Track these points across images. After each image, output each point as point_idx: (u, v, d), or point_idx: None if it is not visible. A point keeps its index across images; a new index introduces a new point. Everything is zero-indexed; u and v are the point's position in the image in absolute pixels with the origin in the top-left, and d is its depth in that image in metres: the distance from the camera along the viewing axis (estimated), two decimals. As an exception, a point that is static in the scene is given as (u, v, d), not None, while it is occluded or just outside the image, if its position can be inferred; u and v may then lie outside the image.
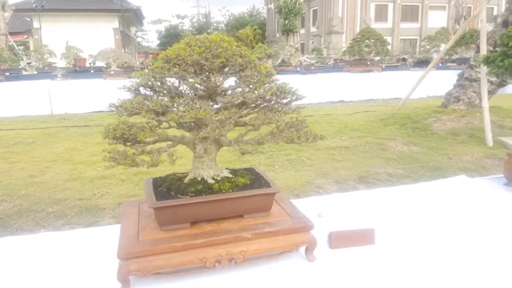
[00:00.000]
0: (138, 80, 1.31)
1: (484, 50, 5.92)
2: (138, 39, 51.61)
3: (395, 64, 16.75)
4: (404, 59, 15.88)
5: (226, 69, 1.38)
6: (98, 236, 1.91)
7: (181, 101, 1.29)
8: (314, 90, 11.50)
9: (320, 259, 1.56)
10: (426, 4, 37.40)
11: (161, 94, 1.32)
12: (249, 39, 38.61)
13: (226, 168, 1.65)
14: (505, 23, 7.03)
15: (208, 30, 47.69)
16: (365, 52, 13.20)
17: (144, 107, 1.22)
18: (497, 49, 7.08)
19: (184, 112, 1.22)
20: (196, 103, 1.27)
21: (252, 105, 1.51)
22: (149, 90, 1.33)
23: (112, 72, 10.13)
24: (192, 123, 1.44)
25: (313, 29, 39.81)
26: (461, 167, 4.66)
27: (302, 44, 37.32)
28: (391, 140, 6.04)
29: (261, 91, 1.36)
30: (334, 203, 2.12)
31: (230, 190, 1.48)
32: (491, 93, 6.98)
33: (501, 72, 2.06)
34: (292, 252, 1.52)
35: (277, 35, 36.97)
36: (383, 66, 15.56)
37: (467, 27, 11.84)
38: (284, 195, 1.80)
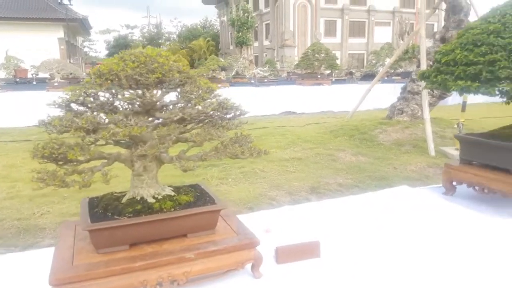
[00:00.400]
0: (68, 96, 1.23)
1: (424, 65, 6.30)
2: (86, 49, 49.73)
3: (343, 78, 17.43)
4: (351, 73, 16.56)
5: (167, 84, 1.33)
6: (33, 260, 1.76)
7: (115, 117, 1.22)
8: (268, 102, 11.66)
9: (266, 275, 1.54)
10: (372, 20, 39.37)
11: (95, 110, 1.25)
12: (202, 51, 38.48)
13: (170, 186, 1.60)
14: (443, 39, 7.53)
15: (160, 41, 46.99)
16: (316, 66, 13.62)
17: (74, 125, 1.14)
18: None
19: (117, 129, 1.16)
20: (130, 119, 1.22)
21: (196, 120, 1.47)
22: (81, 106, 1.26)
23: (55, 84, 9.64)
24: (130, 140, 1.38)
25: (266, 42, 40.51)
26: (406, 176, 4.88)
27: (256, 57, 37.83)
28: (341, 151, 6.21)
29: (201, 107, 1.33)
30: (283, 216, 2.12)
31: (172, 209, 1.43)
32: (432, 105, 7.41)
33: (435, 87, 2.18)
34: (238, 270, 1.49)
35: (231, 47, 37.23)
36: (333, 80, 16.12)
37: (409, 43, 12.61)
38: (231, 211, 1.77)
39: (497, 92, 1.91)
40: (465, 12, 7.23)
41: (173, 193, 1.52)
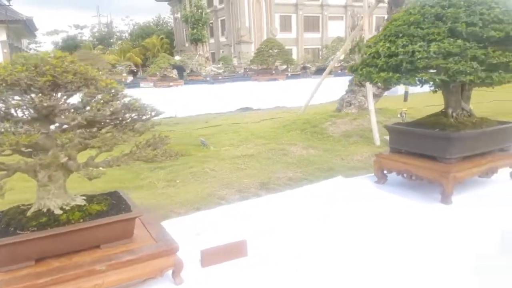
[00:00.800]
0: None
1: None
2: (32, 52, 47.20)
3: (298, 73, 17.65)
4: (305, 68, 16.79)
5: (62, 87, 1.24)
6: None
7: (5, 125, 1.12)
8: (223, 100, 11.57)
9: (189, 280, 1.49)
10: (325, 15, 40.10)
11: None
12: (156, 49, 37.56)
13: (83, 195, 1.51)
14: (385, 33, 7.74)
15: (111, 40, 45.38)
16: (270, 61, 13.68)
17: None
18: (379, 56, 7.82)
19: (4, 138, 1.06)
20: (22, 127, 1.12)
21: (110, 124, 1.39)
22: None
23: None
24: (31, 148, 1.28)
25: (222, 39, 40.22)
26: (352, 166, 4.99)
27: (213, 53, 37.50)
28: (292, 145, 6.26)
29: (105, 109, 1.25)
30: (216, 217, 2.08)
31: (81, 220, 1.34)
32: (378, 96, 7.62)
33: (362, 80, 2.22)
34: (157, 277, 1.43)
35: (187, 45, 36.64)
36: (289, 75, 16.26)
37: (357, 36, 12.94)
38: (154, 217, 1.70)
39: (417, 82, 1.97)
40: (406, 4, 7.48)
41: (84, 203, 1.43)
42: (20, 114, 1.27)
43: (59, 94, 1.24)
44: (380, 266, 1.60)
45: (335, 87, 12.13)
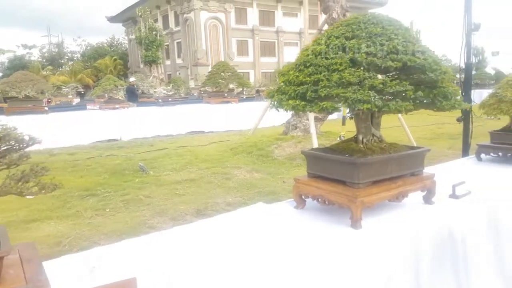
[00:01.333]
0: None
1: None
2: (-26, 72, 44.47)
3: (254, 96, 17.89)
4: (258, 91, 17.06)
5: None
6: None
7: None
8: (173, 122, 11.40)
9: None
10: (281, 41, 41.32)
11: None
12: (109, 70, 36.75)
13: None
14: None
15: (62, 60, 43.92)
16: (222, 84, 13.75)
17: None
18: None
19: None
20: None
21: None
22: None
23: None
24: None
25: (179, 61, 40.14)
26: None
27: (169, 75, 37.23)
28: (237, 169, 6.23)
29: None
30: (117, 251, 1.95)
31: None
32: (321, 120, 7.84)
33: (275, 106, 2.23)
34: (25, 325, 1.29)
35: (141, 66, 36.23)
36: (244, 97, 16.41)
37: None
38: (35, 253, 1.56)
39: (321, 109, 2.00)
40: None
41: None
42: None
43: None
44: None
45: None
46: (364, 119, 2.41)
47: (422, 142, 7.84)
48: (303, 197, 2.46)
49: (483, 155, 3.60)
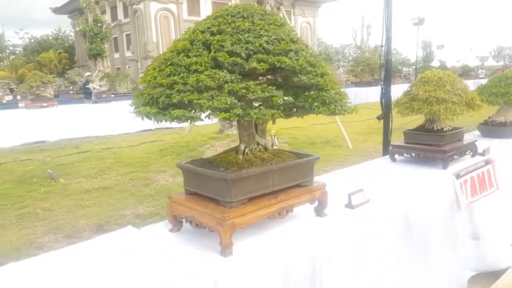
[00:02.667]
0: None
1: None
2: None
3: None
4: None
5: None
6: None
7: None
8: (106, 121, 10.70)
9: None
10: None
11: None
12: (53, 64, 34.60)
13: None
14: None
15: (2, 54, 40.82)
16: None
17: None
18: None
19: None
20: None
21: None
22: None
23: None
24: None
25: (128, 54, 38.57)
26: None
27: (118, 69, 35.63)
28: (160, 173, 5.82)
29: None
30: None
31: None
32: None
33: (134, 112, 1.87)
34: None
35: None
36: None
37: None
38: None
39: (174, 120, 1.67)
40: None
41: None
42: None
43: None
44: None
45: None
46: (246, 126, 2.13)
47: (359, 138, 7.82)
48: (178, 218, 2.14)
49: (397, 156, 3.46)
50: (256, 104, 1.98)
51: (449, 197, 2.91)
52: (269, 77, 2.03)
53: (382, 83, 4.09)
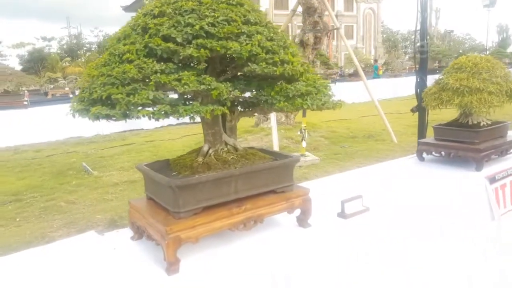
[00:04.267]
0: None
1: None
2: (-1, 65, 45.56)
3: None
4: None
5: None
6: None
7: None
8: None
9: None
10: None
11: None
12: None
13: None
14: (302, 43, 7.38)
15: (79, 52, 44.34)
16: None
17: None
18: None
19: None
20: None
21: None
22: None
23: None
24: None
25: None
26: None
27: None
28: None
29: None
30: None
31: None
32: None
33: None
34: None
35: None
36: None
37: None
38: None
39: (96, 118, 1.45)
40: (319, 13, 7.12)
41: None
42: None
43: None
44: None
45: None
46: (210, 123, 1.86)
47: (408, 131, 7.11)
48: (135, 225, 1.95)
49: (425, 154, 2.96)
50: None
51: (480, 205, 2.39)
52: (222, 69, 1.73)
53: (416, 70, 3.54)
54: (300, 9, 7.27)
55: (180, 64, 1.51)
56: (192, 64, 1.67)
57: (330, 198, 2.23)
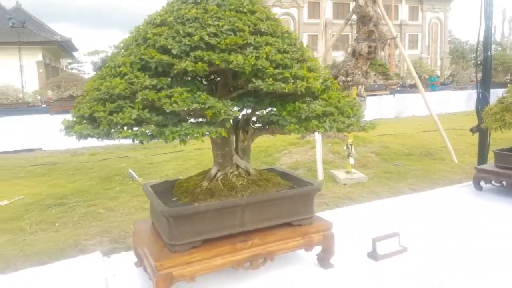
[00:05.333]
0: None
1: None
2: (74, 71, 49.57)
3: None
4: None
5: None
6: None
7: None
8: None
9: None
10: (355, 34, 39.13)
11: None
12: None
13: None
14: (355, 53, 7.01)
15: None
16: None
17: None
18: (348, 78, 7.03)
19: None
20: None
21: None
22: None
23: None
24: None
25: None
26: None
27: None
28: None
29: None
30: None
31: None
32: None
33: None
34: None
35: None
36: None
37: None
38: None
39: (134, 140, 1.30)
40: (374, 22, 6.70)
41: None
42: None
43: None
44: None
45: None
46: (220, 144, 1.67)
47: (472, 150, 6.37)
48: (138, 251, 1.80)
49: (483, 183, 2.52)
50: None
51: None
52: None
53: (478, 86, 3.08)
54: (355, 17, 6.90)
55: (179, 79, 1.33)
56: (200, 78, 1.49)
57: (360, 233, 1.93)
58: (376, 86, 13.59)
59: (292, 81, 1.30)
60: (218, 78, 1.58)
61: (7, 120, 9.30)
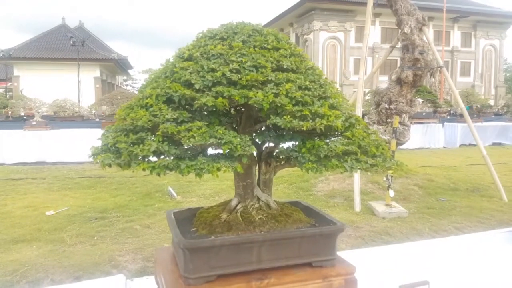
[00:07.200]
0: None
1: (359, 109, 5.62)
2: (128, 88, 52.33)
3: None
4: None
5: None
6: None
7: None
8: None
9: None
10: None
11: None
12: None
13: None
14: (399, 80, 6.84)
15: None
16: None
17: None
18: (391, 106, 6.83)
19: None
20: None
21: None
22: None
23: (33, 123, 9.91)
24: None
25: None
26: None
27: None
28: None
29: None
30: None
31: None
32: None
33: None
34: None
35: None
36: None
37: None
38: None
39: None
40: (420, 50, 6.52)
41: None
42: None
43: None
44: None
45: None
46: (242, 175, 1.66)
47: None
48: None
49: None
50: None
51: None
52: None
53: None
54: (400, 44, 6.75)
55: (204, 112, 1.36)
56: (224, 111, 1.51)
57: (387, 277, 1.82)
58: (424, 114, 13.10)
59: (311, 118, 1.28)
60: (243, 109, 1.59)
61: (63, 132, 9.96)
